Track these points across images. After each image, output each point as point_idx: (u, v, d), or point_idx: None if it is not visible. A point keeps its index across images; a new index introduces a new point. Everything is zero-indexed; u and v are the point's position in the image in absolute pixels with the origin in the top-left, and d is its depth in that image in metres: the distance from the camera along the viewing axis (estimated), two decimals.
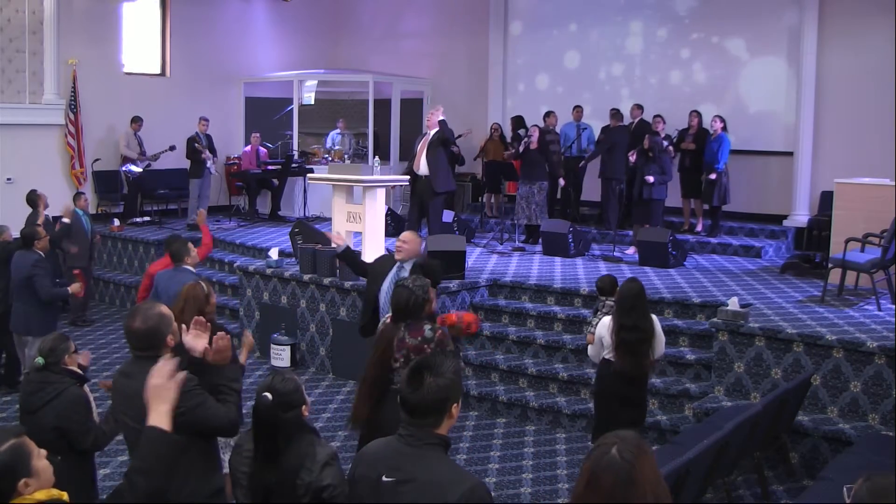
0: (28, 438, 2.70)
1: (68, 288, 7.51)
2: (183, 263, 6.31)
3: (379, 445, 2.81)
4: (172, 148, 12.56)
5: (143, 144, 12.71)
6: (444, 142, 9.47)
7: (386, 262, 6.32)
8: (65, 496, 2.77)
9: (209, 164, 12.43)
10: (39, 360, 4.28)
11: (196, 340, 3.55)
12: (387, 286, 5.97)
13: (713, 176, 10.72)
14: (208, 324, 3.64)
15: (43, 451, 2.75)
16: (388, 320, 4.84)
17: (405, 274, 6.06)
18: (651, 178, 10.09)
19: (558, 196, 12.27)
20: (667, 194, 10.55)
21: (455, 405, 2.71)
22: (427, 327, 4.66)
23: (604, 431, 2.37)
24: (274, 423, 2.96)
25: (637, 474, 2.15)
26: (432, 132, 9.28)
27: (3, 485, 2.60)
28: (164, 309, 3.53)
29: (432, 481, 2.59)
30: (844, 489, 2.49)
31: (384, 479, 2.65)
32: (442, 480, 2.59)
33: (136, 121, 12.64)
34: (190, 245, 6.43)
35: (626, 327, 5.35)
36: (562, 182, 11.82)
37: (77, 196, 10.31)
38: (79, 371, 4.43)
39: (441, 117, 9.57)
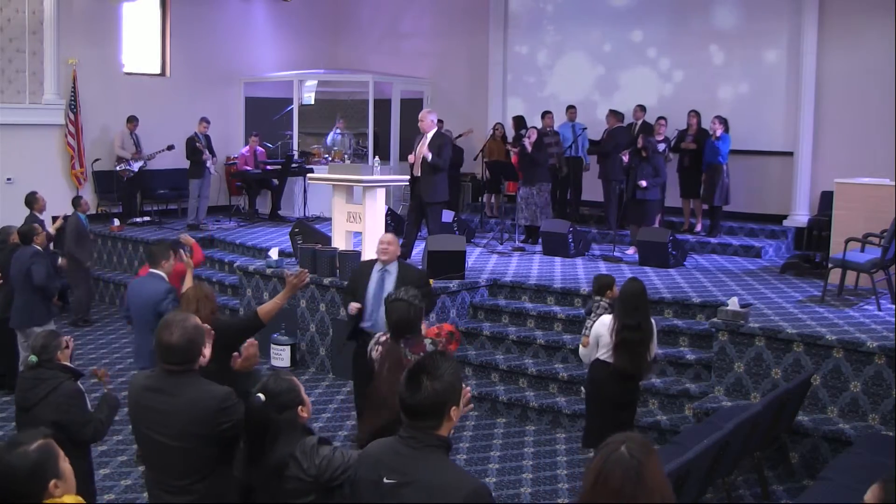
0: (53, 441, 2.68)
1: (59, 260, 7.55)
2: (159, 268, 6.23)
3: (380, 447, 2.79)
4: (170, 147, 12.54)
5: (140, 144, 12.70)
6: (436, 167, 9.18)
7: (364, 267, 6.37)
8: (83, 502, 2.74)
9: (209, 164, 12.42)
10: (33, 358, 4.29)
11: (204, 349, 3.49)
12: (373, 289, 6.08)
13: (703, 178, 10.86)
14: (212, 332, 3.56)
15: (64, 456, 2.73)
16: (384, 338, 4.63)
17: (391, 277, 6.10)
18: (644, 183, 10.10)
19: (564, 197, 12.26)
20: (661, 195, 10.58)
21: (454, 407, 2.67)
22: (428, 342, 4.56)
23: (596, 434, 2.38)
24: (264, 423, 2.94)
25: (645, 472, 2.17)
26: (429, 135, 9.17)
27: (36, 484, 2.56)
28: (198, 320, 3.43)
29: (433, 483, 2.57)
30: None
31: (385, 480, 2.63)
32: (443, 483, 2.57)
33: (132, 120, 12.62)
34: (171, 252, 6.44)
35: (629, 327, 5.34)
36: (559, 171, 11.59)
37: (77, 200, 10.29)
38: (71, 365, 4.44)
39: (433, 129, 9.14)
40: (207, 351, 3.41)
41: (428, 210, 9.13)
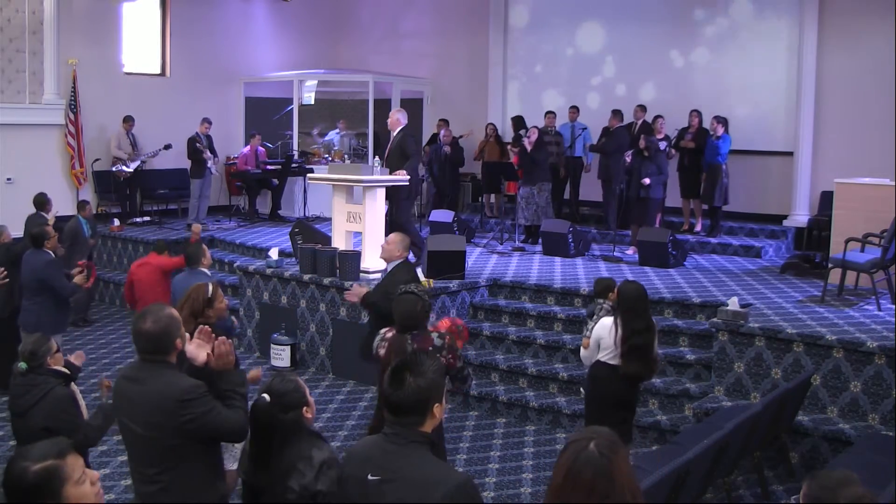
0: (74, 459, 2.40)
1: (75, 280, 7.51)
2: (199, 266, 6.43)
3: (366, 444, 2.83)
4: (167, 147, 12.54)
5: (138, 144, 12.69)
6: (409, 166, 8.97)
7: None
8: None
9: (210, 164, 12.43)
10: (22, 364, 4.28)
11: (199, 350, 3.50)
12: None
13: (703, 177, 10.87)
14: (211, 333, 3.58)
15: (93, 475, 2.44)
16: (390, 333, 4.56)
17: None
18: (647, 181, 10.10)
19: (565, 197, 12.26)
20: (663, 194, 10.57)
21: (438, 404, 2.72)
22: (435, 335, 4.49)
23: None
24: (270, 424, 2.94)
25: (614, 470, 2.17)
26: (395, 132, 9.11)
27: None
28: (174, 311, 3.50)
29: (417, 479, 2.60)
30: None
31: (370, 477, 2.66)
32: (427, 478, 2.60)
33: (128, 120, 12.61)
34: (205, 247, 6.64)
35: (638, 331, 5.29)
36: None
37: (81, 204, 10.30)
38: (64, 370, 4.42)
39: (399, 128, 8.97)
40: (192, 347, 3.50)
41: (393, 201, 8.93)
